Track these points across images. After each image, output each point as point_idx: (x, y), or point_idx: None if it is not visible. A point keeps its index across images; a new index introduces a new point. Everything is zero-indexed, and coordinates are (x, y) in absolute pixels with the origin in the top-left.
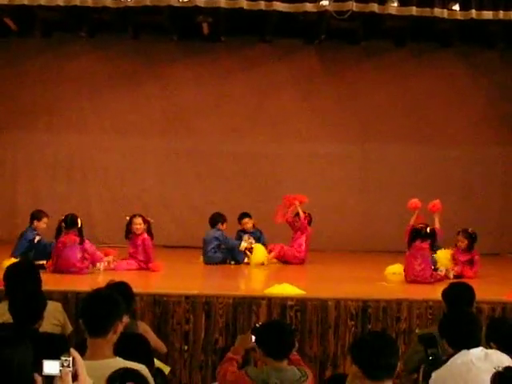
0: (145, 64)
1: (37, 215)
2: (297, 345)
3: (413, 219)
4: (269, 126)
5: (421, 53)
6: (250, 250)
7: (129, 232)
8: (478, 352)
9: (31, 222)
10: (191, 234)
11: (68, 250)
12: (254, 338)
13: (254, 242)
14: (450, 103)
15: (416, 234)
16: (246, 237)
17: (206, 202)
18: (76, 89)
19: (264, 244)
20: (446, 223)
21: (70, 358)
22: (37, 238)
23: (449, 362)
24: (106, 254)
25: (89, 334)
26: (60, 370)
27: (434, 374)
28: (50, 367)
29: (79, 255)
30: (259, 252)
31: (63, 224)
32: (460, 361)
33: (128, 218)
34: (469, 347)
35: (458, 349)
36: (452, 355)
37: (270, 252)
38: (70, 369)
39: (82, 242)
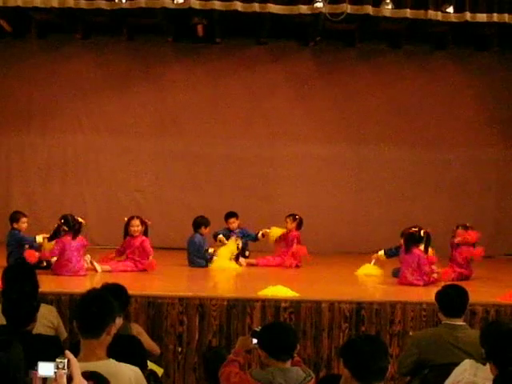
0: (139, 65)
1: (14, 217)
2: (298, 346)
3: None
4: (264, 127)
5: (415, 55)
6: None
7: (126, 233)
8: None
9: (12, 226)
10: (185, 236)
11: (70, 251)
12: (254, 340)
13: (240, 244)
14: (445, 105)
15: (410, 239)
16: (233, 238)
17: (200, 204)
18: (70, 90)
19: (247, 244)
20: (440, 226)
21: (65, 360)
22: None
23: None
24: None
25: (82, 335)
26: (55, 372)
27: None
28: (45, 369)
29: (79, 257)
30: (224, 254)
31: (64, 226)
32: None
33: (126, 219)
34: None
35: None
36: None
37: (256, 264)
38: (65, 371)
39: (75, 237)
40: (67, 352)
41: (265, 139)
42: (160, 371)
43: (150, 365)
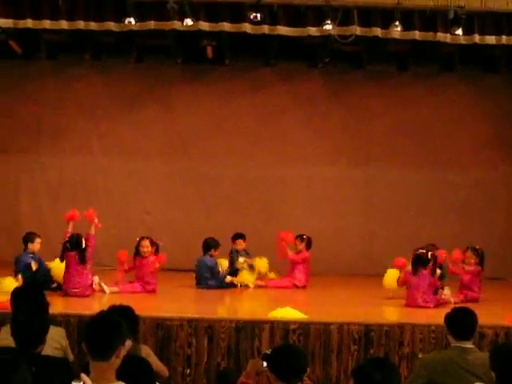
0: (149, 87)
1: (29, 238)
2: (309, 370)
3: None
4: (272, 148)
5: (424, 76)
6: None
7: (137, 253)
8: None
9: (25, 246)
10: (194, 258)
11: (74, 271)
12: (264, 363)
13: (250, 261)
14: (453, 127)
15: (418, 261)
16: (241, 259)
17: (209, 225)
18: (80, 111)
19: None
20: (448, 247)
21: (81, 383)
22: (34, 266)
23: None
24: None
25: (91, 357)
26: None
27: None
28: None
29: (84, 276)
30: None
31: (68, 245)
32: None
33: (138, 239)
34: None
35: None
36: None
37: (265, 285)
38: None
39: (83, 262)
40: (82, 375)
41: (273, 160)
42: None
43: None
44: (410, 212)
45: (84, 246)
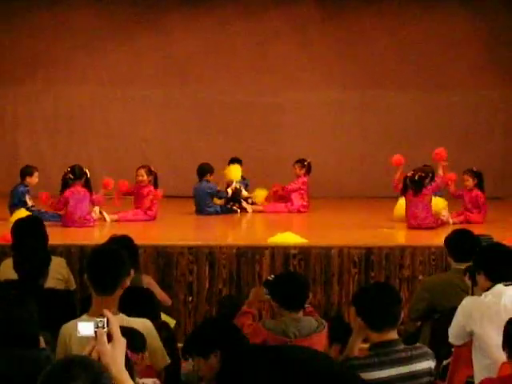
0: (142, 14)
1: (28, 171)
2: (310, 295)
3: (397, 175)
4: (268, 73)
5: None
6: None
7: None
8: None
9: (23, 179)
10: (192, 184)
11: (77, 202)
12: (266, 290)
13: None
14: (450, 48)
15: (414, 183)
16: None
17: (206, 152)
18: (73, 40)
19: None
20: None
21: (105, 319)
22: (29, 202)
23: (482, 295)
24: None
25: (95, 292)
26: (95, 331)
27: (464, 301)
28: (85, 329)
29: (88, 207)
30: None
31: (70, 175)
32: (491, 297)
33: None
34: (506, 279)
35: (495, 282)
36: (489, 289)
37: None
38: (105, 329)
39: (91, 190)
40: (105, 311)
41: (269, 85)
42: (172, 323)
43: (163, 316)
44: (408, 135)
45: (88, 175)
